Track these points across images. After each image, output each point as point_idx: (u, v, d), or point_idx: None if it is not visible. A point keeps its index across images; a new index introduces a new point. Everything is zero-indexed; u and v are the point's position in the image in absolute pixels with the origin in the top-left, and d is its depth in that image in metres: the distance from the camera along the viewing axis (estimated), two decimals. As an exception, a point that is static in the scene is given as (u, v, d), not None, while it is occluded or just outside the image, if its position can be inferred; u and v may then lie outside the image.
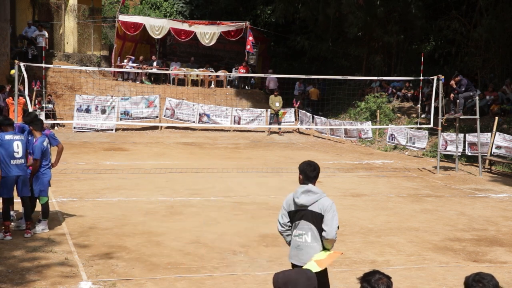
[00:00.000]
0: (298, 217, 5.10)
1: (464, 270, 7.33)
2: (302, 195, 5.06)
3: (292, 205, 5.14)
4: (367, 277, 3.35)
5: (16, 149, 8.22)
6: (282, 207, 5.24)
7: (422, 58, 17.27)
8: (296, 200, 5.07)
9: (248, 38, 26.68)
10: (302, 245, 5.07)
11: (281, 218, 5.22)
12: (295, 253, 5.13)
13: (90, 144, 18.90)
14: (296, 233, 5.11)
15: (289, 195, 5.20)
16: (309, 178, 5.14)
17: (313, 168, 5.17)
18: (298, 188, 5.14)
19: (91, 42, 28.86)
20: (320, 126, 23.36)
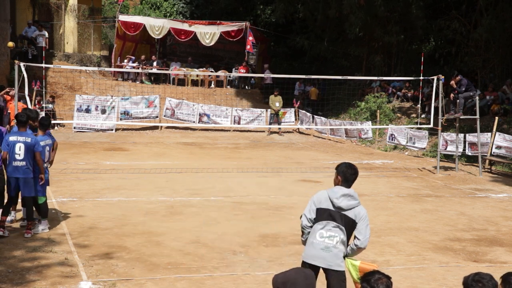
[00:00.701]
0: (328, 217, 4.97)
1: (464, 270, 7.33)
2: (343, 198, 4.96)
3: (325, 203, 4.99)
4: (367, 277, 3.36)
5: (18, 151, 8.26)
6: (311, 202, 5.08)
7: (422, 58, 17.28)
8: (336, 201, 4.95)
9: (248, 38, 26.68)
10: (332, 247, 4.94)
11: (308, 213, 5.06)
12: (320, 255, 4.93)
13: (90, 144, 18.90)
14: (326, 234, 4.95)
15: (322, 192, 5.09)
16: (348, 181, 5.06)
17: (354, 171, 5.09)
18: (336, 189, 5.02)
19: (91, 42, 28.87)
20: (320, 126, 23.36)
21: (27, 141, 8.32)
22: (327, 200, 5.00)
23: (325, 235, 4.95)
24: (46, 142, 8.81)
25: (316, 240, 4.97)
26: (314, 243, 4.98)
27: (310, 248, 5.00)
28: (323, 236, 4.95)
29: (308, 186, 13.15)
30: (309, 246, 5.01)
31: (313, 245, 4.98)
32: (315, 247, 4.96)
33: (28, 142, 8.32)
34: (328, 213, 4.97)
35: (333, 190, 5.03)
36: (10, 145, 8.26)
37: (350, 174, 5.07)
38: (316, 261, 4.93)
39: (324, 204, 5.00)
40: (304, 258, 5.02)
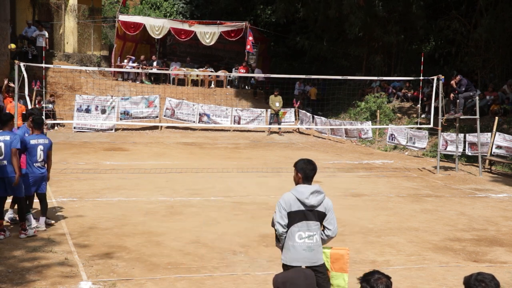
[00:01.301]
0: (302, 218, 4.98)
1: (464, 270, 7.33)
2: (312, 196, 4.98)
3: (295, 206, 4.97)
4: (367, 277, 3.36)
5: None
6: (280, 208, 5.00)
7: (422, 58, 17.28)
8: (306, 201, 4.95)
9: (248, 38, 26.68)
10: (313, 245, 5.01)
11: (282, 220, 4.99)
12: (304, 256, 4.98)
13: (90, 144, 18.90)
14: (305, 235, 4.98)
15: (288, 195, 5.02)
16: (308, 177, 5.07)
17: (312, 167, 5.10)
18: (302, 189, 5.01)
19: (91, 42, 28.87)
20: (320, 126, 23.37)
21: (6, 140, 8.21)
22: (296, 202, 4.97)
23: (304, 235, 4.98)
24: (39, 141, 8.66)
25: (297, 243, 4.99)
26: (296, 246, 4.99)
27: (291, 251, 5.02)
28: (302, 238, 4.99)
29: (308, 186, 13.14)
30: (290, 249, 5.02)
31: (294, 248, 5.00)
32: (297, 249, 4.99)
33: (7, 140, 8.20)
34: (302, 214, 4.97)
35: (299, 191, 5.00)
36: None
37: (310, 170, 5.07)
38: (300, 263, 4.97)
39: (295, 207, 4.97)
40: (287, 262, 5.03)
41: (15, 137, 8.28)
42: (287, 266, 5.02)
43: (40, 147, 8.64)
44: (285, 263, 5.06)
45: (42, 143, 8.70)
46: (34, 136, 8.65)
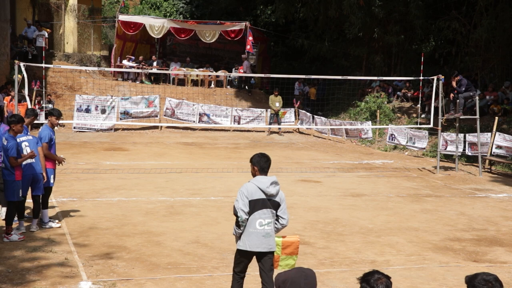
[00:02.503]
0: (262, 206, 5.40)
1: (464, 270, 7.34)
2: (271, 186, 5.45)
3: (256, 194, 5.37)
4: (366, 277, 3.35)
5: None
6: (242, 196, 5.38)
7: (422, 58, 17.27)
8: (267, 190, 5.40)
9: (248, 38, 26.68)
10: (271, 232, 5.46)
11: (244, 207, 5.37)
12: (263, 241, 5.40)
13: (90, 144, 18.90)
14: (265, 222, 5.40)
15: (249, 184, 5.44)
16: (264, 169, 5.54)
17: (266, 159, 5.58)
18: (262, 179, 5.45)
19: (91, 42, 28.87)
20: (320, 126, 23.36)
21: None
22: (258, 191, 5.40)
23: (264, 222, 5.42)
24: (22, 138, 8.50)
25: (256, 230, 5.39)
26: (256, 232, 5.40)
27: (251, 237, 5.40)
28: (262, 224, 5.41)
29: (308, 186, 13.15)
30: (249, 235, 5.41)
31: (255, 234, 5.39)
32: (257, 235, 5.39)
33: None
34: (262, 202, 5.40)
35: (260, 181, 5.45)
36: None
37: (264, 162, 5.55)
38: (260, 248, 5.41)
39: (256, 195, 5.39)
40: (246, 248, 5.41)
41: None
42: (246, 252, 5.46)
43: (24, 143, 8.56)
44: (244, 249, 5.45)
45: (25, 140, 8.59)
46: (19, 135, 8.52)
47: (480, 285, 3.32)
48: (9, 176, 8.07)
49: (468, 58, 22.64)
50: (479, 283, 3.33)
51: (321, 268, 7.35)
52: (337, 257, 7.96)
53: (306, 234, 9.08)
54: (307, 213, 10.47)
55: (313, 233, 9.14)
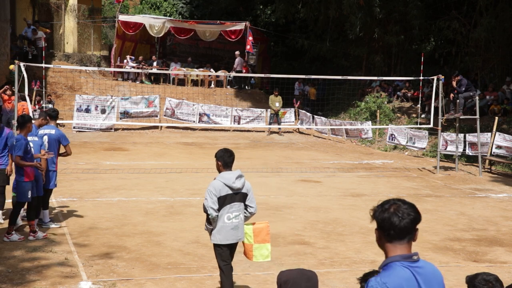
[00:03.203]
0: (230, 200, 5.71)
1: (464, 270, 7.34)
2: (237, 180, 5.73)
3: (223, 190, 5.66)
4: (366, 277, 3.36)
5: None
6: (211, 195, 5.66)
7: (422, 58, 17.27)
8: (233, 185, 5.69)
9: (248, 38, 26.68)
10: (239, 224, 5.80)
11: (213, 205, 5.65)
12: (232, 233, 5.74)
13: (90, 144, 18.90)
14: (232, 215, 5.73)
15: (216, 182, 5.71)
16: (227, 163, 5.81)
17: (230, 154, 5.85)
18: (227, 175, 5.73)
19: (91, 42, 28.87)
20: (320, 126, 23.36)
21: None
22: (224, 187, 5.69)
23: (232, 216, 5.73)
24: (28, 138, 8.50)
25: (226, 224, 5.72)
26: (225, 226, 5.73)
27: (221, 231, 5.73)
28: (230, 218, 5.73)
29: (308, 186, 13.16)
30: (220, 230, 5.73)
31: (224, 228, 5.73)
32: (226, 229, 5.73)
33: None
34: (230, 197, 5.71)
35: (225, 177, 5.73)
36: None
37: (227, 157, 5.82)
38: (229, 240, 5.76)
39: (223, 191, 5.68)
40: (218, 241, 5.75)
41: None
42: (219, 246, 5.78)
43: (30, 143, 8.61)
44: (217, 242, 5.77)
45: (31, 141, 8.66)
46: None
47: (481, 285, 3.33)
48: (19, 176, 8.12)
49: (468, 58, 22.64)
50: (480, 283, 3.33)
51: (321, 268, 7.35)
52: (337, 257, 7.96)
53: (306, 234, 9.08)
54: (307, 213, 10.47)
55: (313, 233, 9.14)
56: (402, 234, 2.74)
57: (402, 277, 2.66)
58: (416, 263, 2.71)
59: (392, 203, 2.83)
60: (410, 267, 2.69)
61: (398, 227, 2.71)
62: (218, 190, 5.68)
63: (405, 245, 2.74)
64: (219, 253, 5.87)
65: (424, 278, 2.70)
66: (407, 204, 2.81)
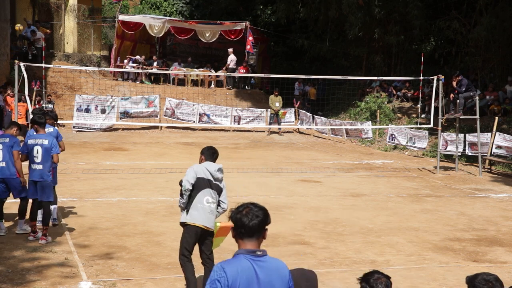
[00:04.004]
0: (208, 185, 6.00)
1: (464, 270, 7.34)
2: (218, 172, 6.08)
3: (203, 174, 5.97)
4: (366, 277, 3.36)
5: (36, 154, 8.16)
6: (191, 171, 5.96)
7: (422, 58, 17.27)
8: (214, 173, 6.03)
9: (248, 38, 26.68)
10: (214, 211, 6.06)
11: (190, 179, 5.94)
12: (208, 217, 5.98)
13: (90, 144, 18.90)
14: (210, 200, 6.00)
15: (199, 165, 6.07)
16: (209, 159, 6.17)
17: (213, 151, 6.24)
18: (211, 165, 6.07)
19: (91, 42, 28.86)
20: (320, 126, 23.36)
21: (45, 144, 8.29)
22: (206, 172, 6.02)
23: (210, 200, 6.00)
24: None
25: (204, 205, 5.95)
26: (203, 208, 5.96)
27: (197, 212, 5.94)
28: (209, 202, 5.99)
29: (308, 186, 13.16)
30: (196, 210, 5.94)
31: (202, 209, 5.95)
32: (205, 211, 5.96)
33: (45, 145, 8.28)
34: (208, 182, 6.01)
35: (209, 164, 6.09)
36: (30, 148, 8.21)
37: (211, 153, 6.21)
38: (204, 223, 5.95)
39: (203, 174, 6.01)
40: (191, 221, 5.93)
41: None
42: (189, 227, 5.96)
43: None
44: (187, 221, 5.96)
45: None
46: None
47: (481, 285, 3.32)
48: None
49: (468, 58, 22.64)
50: (480, 283, 3.33)
51: (321, 268, 7.35)
52: (337, 257, 7.96)
53: (306, 234, 9.08)
54: (307, 213, 10.47)
55: (313, 233, 9.13)
56: (250, 232, 3.22)
57: (240, 265, 3.14)
58: (259, 258, 3.19)
59: (245, 207, 3.29)
60: (251, 259, 3.16)
61: (247, 226, 3.20)
62: (199, 171, 5.99)
63: (253, 242, 3.23)
64: (186, 240, 6.01)
65: (264, 270, 3.16)
66: (257, 208, 3.28)
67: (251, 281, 3.12)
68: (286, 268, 3.28)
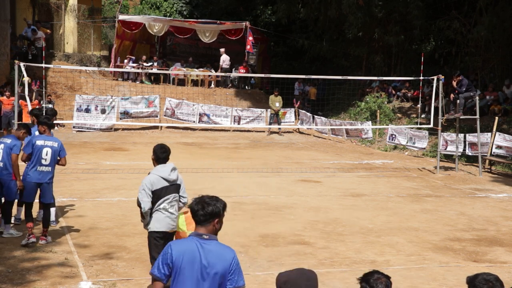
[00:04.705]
0: (165, 193, 6.03)
1: (464, 270, 7.34)
2: (172, 172, 6.08)
3: (158, 184, 5.98)
4: (366, 277, 3.36)
5: (45, 156, 8.01)
6: (145, 188, 5.98)
7: (422, 58, 17.27)
8: (169, 177, 6.03)
9: (248, 38, 26.68)
10: (174, 214, 6.11)
11: (147, 198, 5.97)
12: (170, 222, 6.06)
13: (90, 144, 18.90)
14: (168, 206, 6.05)
15: (151, 176, 6.03)
16: (159, 158, 6.14)
17: (164, 150, 6.18)
18: (163, 168, 6.05)
19: (91, 42, 28.86)
20: (320, 126, 23.36)
21: (54, 146, 8.16)
22: (160, 180, 6.02)
23: (168, 207, 6.06)
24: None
25: (163, 214, 6.03)
26: (164, 217, 6.03)
27: (159, 221, 6.02)
28: (166, 209, 6.05)
29: (308, 186, 13.16)
30: (157, 220, 6.02)
31: (162, 218, 6.03)
32: (165, 219, 6.04)
33: (54, 147, 8.16)
34: (165, 190, 6.03)
35: (161, 170, 6.06)
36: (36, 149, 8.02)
37: (160, 152, 6.16)
38: (165, 228, 6.05)
39: (160, 184, 6.01)
40: (155, 229, 6.03)
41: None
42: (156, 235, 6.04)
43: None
44: (155, 230, 6.04)
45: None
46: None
47: (481, 284, 3.32)
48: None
49: (468, 58, 22.64)
50: (480, 283, 3.33)
51: (321, 268, 7.35)
52: (337, 257, 7.96)
53: (306, 234, 9.08)
54: (307, 213, 10.47)
55: (313, 233, 9.13)
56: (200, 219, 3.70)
57: (186, 244, 3.65)
58: (204, 241, 3.64)
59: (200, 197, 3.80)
60: (197, 241, 3.63)
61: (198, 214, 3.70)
62: (152, 183, 5.99)
63: (204, 228, 3.70)
64: (155, 245, 6.05)
65: (206, 252, 3.60)
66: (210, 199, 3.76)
67: (194, 259, 3.59)
68: (231, 254, 3.66)
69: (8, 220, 8.40)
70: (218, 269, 3.59)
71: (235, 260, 3.66)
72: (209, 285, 3.58)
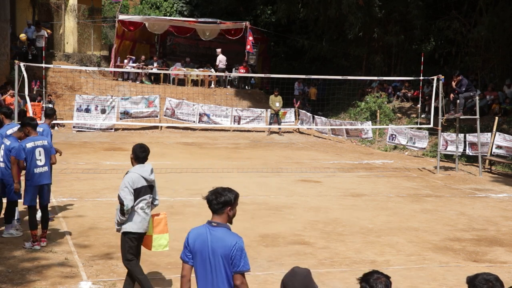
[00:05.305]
0: (144, 192, 6.05)
1: (464, 270, 7.34)
2: (152, 174, 6.13)
3: (139, 183, 5.97)
4: (366, 277, 3.36)
5: (39, 156, 7.90)
6: (128, 186, 5.90)
7: (422, 58, 17.27)
8: (149, 177, 6.06)
9: (248, 38, 26.68)
10: (149, 215, 6.13)
11: (129, 195, 5.91)
12: (144, 224, 6.04)
13: (90, 144, 18.90)
14: (145, 206, 6.06)
15: (132, 174, 5.97)
16: (139, 158, 6.11)
17: (143, 149, 6.16)
18: (142, 168, 6.04)
19: (91, 42, 28.86)
20: (320, 126, 23.36)
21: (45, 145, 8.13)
22: (141, 179, 6.01)
23: (144, 207, 6.06)
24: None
25: (140, 215, 6.02)
26: (141, 217, 6.01)
27: (135, 223, 5.98)
28: (143, 208, 6.04)
29: (308, 186, 13.16)
30: (134, 221, 5.98)
31: (139, 218, 6.00)
32: (142, 220, 6.02)
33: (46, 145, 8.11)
34: (144, 189, 6.04)
35: (142, 170, 6.04)
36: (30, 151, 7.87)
37: (140, 152, 6.13)
38: (141, 229, 6.03)
39: (140, 183, 5.99)
40: (132, 230, 5.98)
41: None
42: (132, 235, 5.99)
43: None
44: (131, 230, 5.99)
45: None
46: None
47: (481, 284, 3.33)
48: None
49: (468, 58, 22.63)
50: (480, 283, 3.33)
51: (321, 268, 7.35)
52: (337, 257, 7.96)
53: (306, 234, 9.08)
54: (307, 213, 10.47)
55: (313, 233, 9.13)
56: (214, 209, 4.15)
57: (199, 231, 4.15)
58: (213, 227, 4.11)
59: (214, 189, 4.21)
60: (207, 227, 4.11)
61: (211, 204, 4.15)
62: (135, 182, 5.96)
63: (218, 216, 4.14)
64: (129, 246, 6.03)
65: (212, 237, 4.06)
66: (223, 190, 4.20)
67: (204, 243, 4.07)
68: (233, 241, 4.06)
69: (9, 220, 8.39)
70: (221, 253, 4.01)
71: (237, 246, 4.03)
72: (217, 267, 4.04)
